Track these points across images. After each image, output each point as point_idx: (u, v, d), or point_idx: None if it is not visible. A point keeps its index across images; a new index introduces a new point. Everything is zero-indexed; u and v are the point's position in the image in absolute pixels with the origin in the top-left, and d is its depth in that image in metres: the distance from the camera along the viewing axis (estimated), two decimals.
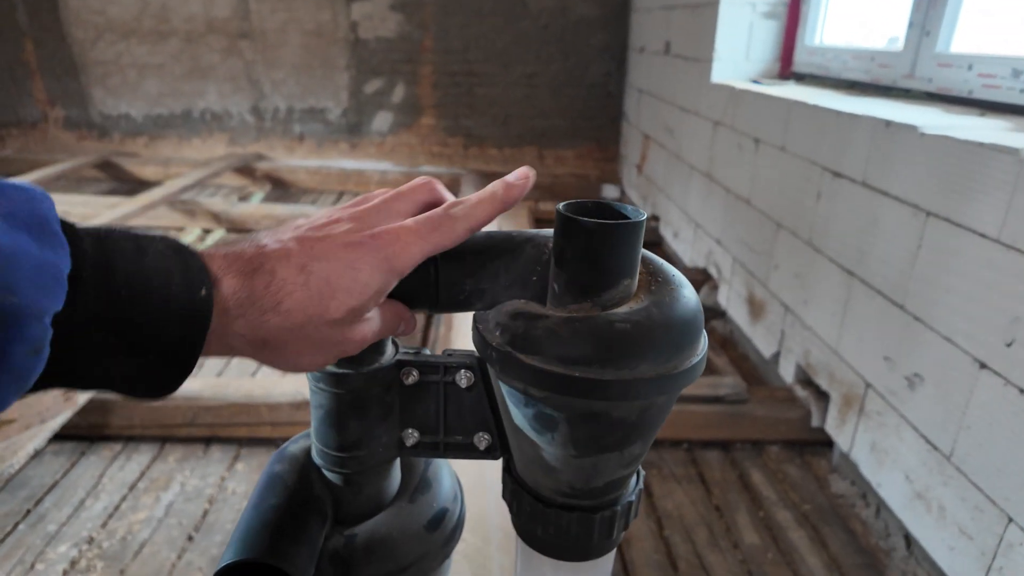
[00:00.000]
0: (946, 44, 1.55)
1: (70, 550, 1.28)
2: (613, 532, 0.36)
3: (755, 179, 1.94)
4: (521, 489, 0.37)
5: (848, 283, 1.47)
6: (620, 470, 0.35)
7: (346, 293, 0.30)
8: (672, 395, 0.33)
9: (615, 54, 3.78)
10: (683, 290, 0.33)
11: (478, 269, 0.34)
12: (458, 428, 0.39)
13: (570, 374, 0.30)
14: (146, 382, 0.27)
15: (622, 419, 0.32)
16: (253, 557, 0.32)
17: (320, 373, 0.36)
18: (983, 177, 1.09)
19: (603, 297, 0.31)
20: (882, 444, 1.36)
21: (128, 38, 3.86)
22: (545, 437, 0.33)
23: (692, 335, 0.32)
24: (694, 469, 1.56)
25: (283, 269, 0.29)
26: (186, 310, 0.27)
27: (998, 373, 1.05)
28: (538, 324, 0.31)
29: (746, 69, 2.27)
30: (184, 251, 0.28)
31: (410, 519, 0.40)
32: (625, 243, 0.31)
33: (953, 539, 1.15)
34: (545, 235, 0.35)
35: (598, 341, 0.30)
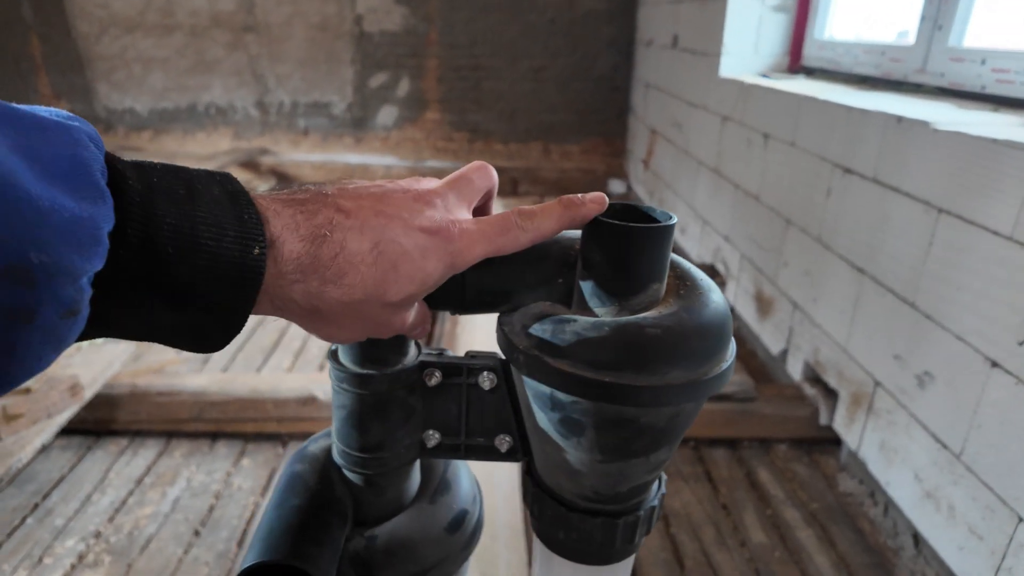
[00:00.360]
0: (959, 38, 1.53)
1: (77, 544, 1.28)
2: (635, 537, 0.36)
3: (764, 175, 1.92)
4: (543, 493, 0.36)
5: (858, 280, 1.46)
6: (645, 475, 0.34)
7: (408, 279, 0.29)
8: (701, 401, 0.32)
9: (622, 48, 3.75)
10: (712, 295, 0.32)
11: (504, 271, 0.33)
12: (480, 430, 0.38)
13: (600, 379, 0.29)
14: (192, 338, 0.26)
15: (651, 425, 0.31)
16: (276, 559, 0.32)
17: (344, 374, 0.36)
18: (997, 174, 1.07)
19: (632, 301, 0.31)
20: (891, 443, 1.35)
21: (133, 32, 3.85)
22: (571, 441, 0.32)
23: (722, 340, 0.32)
24: (701, 467, 1.56)
25: (354, 242, 0.28)
26: (236, 271, 0.25)
27: (1010, 372, 1.04)
28: (567, 327, 0.31)
29: (755, 63, 2.25)
30: (241, 200, 0.26)
31: (431, 521, 0.39)
32: (655, 247, 0.30)
33: (963, 539, 1.14)
34: (571, 237, 0.35)
35: (629, 346, 0.29)
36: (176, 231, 0.24)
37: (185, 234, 0.24)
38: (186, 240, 0.24)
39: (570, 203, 0.32)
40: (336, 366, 0.36)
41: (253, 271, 0.25)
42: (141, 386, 1.61)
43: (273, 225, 0.27)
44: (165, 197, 0.24)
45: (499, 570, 1.03)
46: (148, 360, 1.91)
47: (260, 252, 0.26)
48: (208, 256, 0.24)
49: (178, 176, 0.25)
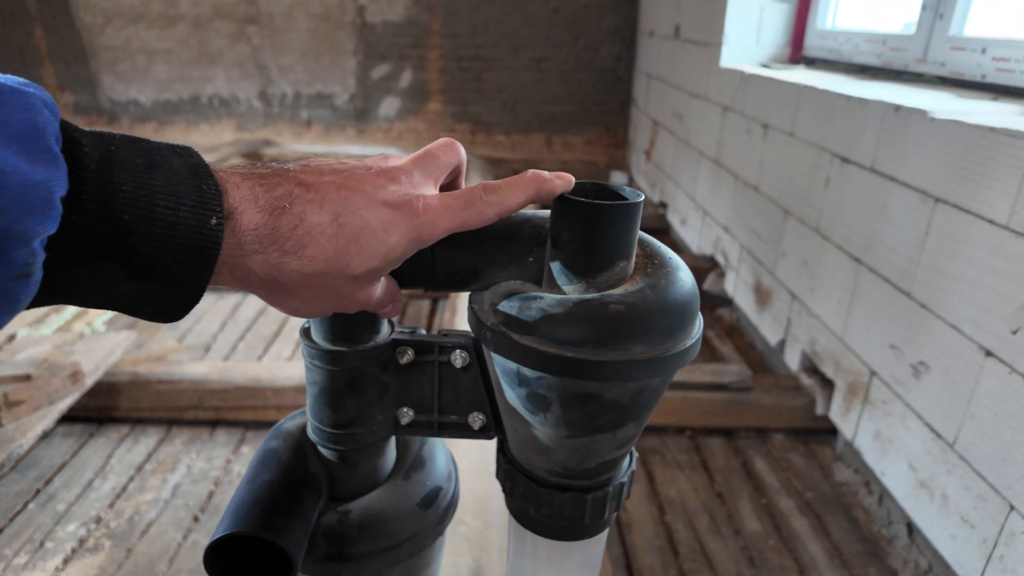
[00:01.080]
0: (960, 27, 1.52)
1: (78, 529, 1.30)
2: (605, 512, 0.36)
3: (763, 165, 1.92)
4: (515, 469, 0.37)
5: (855, 271, 1.46)
6: (613, 451, 0.35)
7: (371, 252, 0.30)
8: (666, 377, 0.32)
9: (625, 38, 3.74)
10: (679, 273, 0.33)
11: (474, 249, 0.34)
12: (453, 408, 0.39)
13: (563, 354, 0.30)
14: (151, 307, 0.27)
15: (615, 400, 0.31)
16: (246, 531, 0.32)
17: (315, 350, 0.36)
18: (993, 163, 1.07)
19: (599, 279, 0.31)
20: (886, 432, 1.35)
21: (136, 23, 3.86)
22: (538, 417, 0.33)
23: (687, 318, 0.32)
24: (697, 456, 1.56)
25: (314, 214, 0.28)
26: (193, 240, 0.25)
27: (1004, 361, 1.04)
28: (533, 304, 0.31)
29: (756, 53, 2.24)
30: (201, 171, 0.27)
31: (404, 497, 0.40)
32: (621, 224, 0.31)
33: (955, 527, 1.15)
34: (542, 216, 0.35)
35: (592, 322, 0.30)
36: (133, 199, 0.24)
37: (142, 202, 0.24)
38: (143, 208, 0.24)
39: (536, 177, 0.32)
40: (308, 343, 0.36)
41: (210, 241, 0.26)
42: (142, 374, 1.63)
43: (232, 196, 0.27)
44: (123, 166, 0.24)
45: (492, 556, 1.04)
46: (149, 348, 1.92)
47: (218, 222, 0.26)
48: (165, 225, 0.25)
49: (137, 146, 0.26)
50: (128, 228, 0.24)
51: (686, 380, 1.63)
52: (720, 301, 2.26)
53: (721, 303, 2.26)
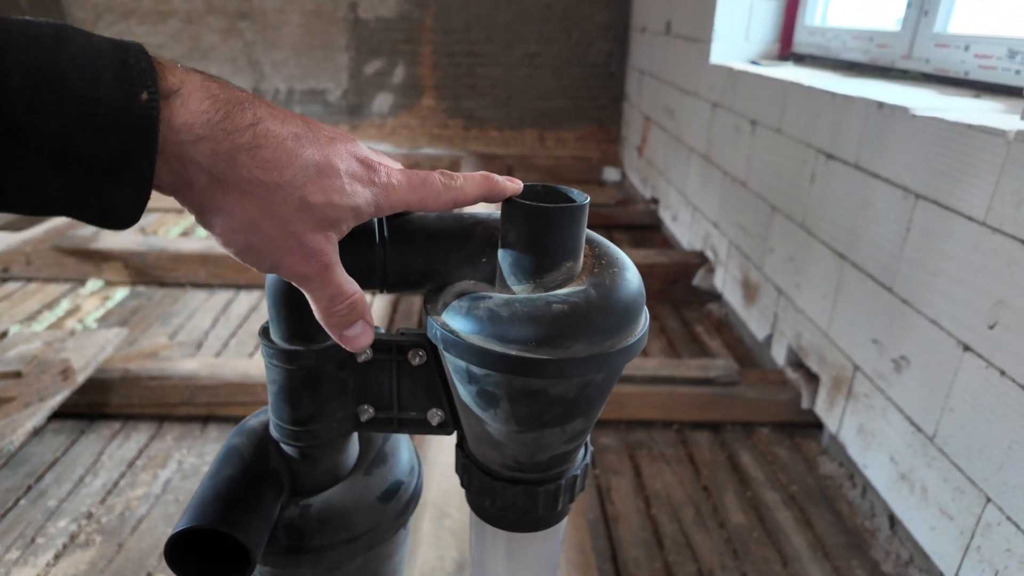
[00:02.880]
0: (944, 24, 1.53)
1: (69, 525, 1.31)
2: (558, 504, 0.37)
3: (751, 161, 1.93)
4: (471, 463, 0.38)
5: (840, 266, 1.47)
6: (563, 445, 0.36)
7: (330, 184, 0.28)
8: (611, 373, 0.33)
9: (617, 33, 3.74)
10: (625, 273, 0.34)
11: (428, 250, 0.35)
12: (412, 404, 0.40)
13: (507, 353, 0.31)
14: (95, 206, 0.23)
15: (561, 396, 0.33)
16: (204, 524, 0.33)
17: (273, 349, 0.37)
18: (971, 159, 1.08)
19: (546, 279, 0.32)
20: (869, 426, 1.37)
21: (128, 18, 3.85)
22: (488, 413, 0.34)
23: (630, 316, 0.33)
24: (684, 450, 1.58)
25: (275, 125, 0.26)
26: (120, 118, 0.22)
27: (981, 355, 1.06)
28: (480, 304, 0.32)
29: (746, 50, 2.24)
30: (129, 49, 0.23)
31: (364, 491, 0.41)
32: (566, 226, 0.32)
33: (934, 519, 1.17)
34: (495, 218, 0.36)
35: (535, 321, 0.31)
36: (36, 71, 0.21)
37: (49, 75, 0.21)
38: (51, 82, 0.21)
39: (488, 177, 0.33)
40: (266, 342, 0.37)
41: (142, 120, 0.22)
42: (133, 370, 1.63)
43: (175, 77, 0.24)
44: (25, 38, 0.21)
45: None
46: (141, 345, 1.93)
47: (150, 98, 0.22)
48: (80, 102, 0.21)
49: (49, 24, 0.22)
50: (31, 106, 0.21)
51: (673, 375, 1.65)
52: (709, 296, 2.27)
53: (710, 298, 2.27)
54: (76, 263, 2.34)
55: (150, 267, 2.34)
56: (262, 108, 0.26)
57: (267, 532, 0.36)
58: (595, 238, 0.36)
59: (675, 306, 2.29)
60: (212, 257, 2.33)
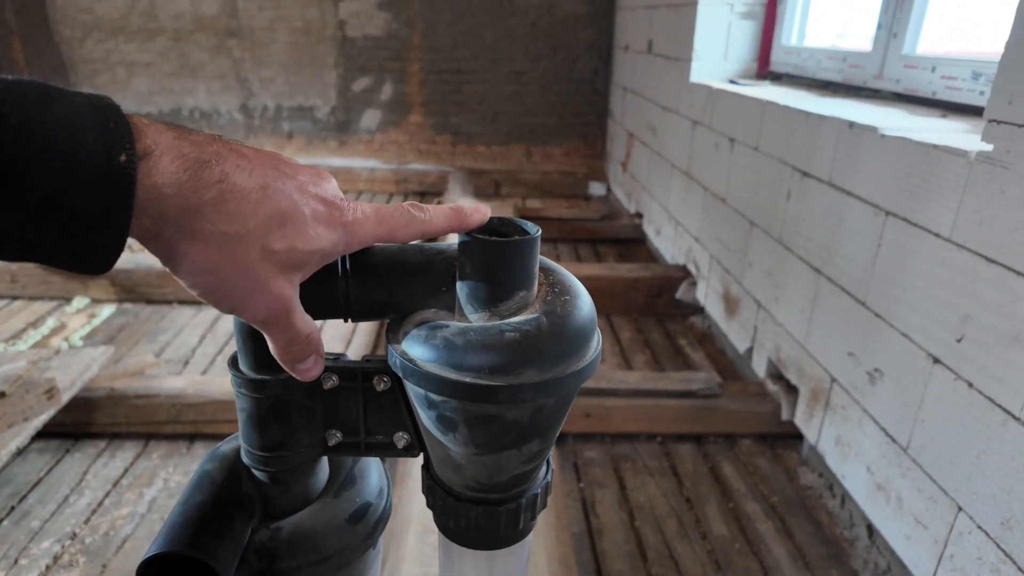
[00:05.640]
0: (912, 46, 1.58)
1: (53, 546, 1.31)
2: (519, 523, 0.39)
3: (731, 178, 1.97)
4: (436, 484, 0.39)
5: (816, 281, 1.51)
6: (521, 466, 0.37)
7: (295, 232, 0.29)
8: (563, 397, 0.35)
9: (601, 52, 3.80)
10: (577, 300, 0.36)
11: (389, 281, 0.36)
12: (378, 428, 0.41)
13: (462, 380, 0.32)
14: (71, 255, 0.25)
15: (516, 420, 0.34)
16: (175, 549, 0.34)
17: (241, 379, 0.38)
18: (936, 178, 1.12)
19: (500, 308, 0.34)
20: (846, 437, 1.39)
21: (116, 36, 3.86)
22: (448, 437, 0.36)
23: (579, 342, 0.35)
24: (667, 462, 1.60)
25: (241, 178, 0.27)
26: (102, 175, 0.24)
27: (950, 368, 1.09)
28: (437, 333, 0.34)
29: (725, 69, 2.30)
30: (108, 110, 0.25)
31: (333, 513, 0.42)
32: (519, 258, 0.34)
33: (909, 528, 1.19)
34: (455, 248, 0.38)
35: (488, 349, 0.32)
36: (24, 131, 0.23)
37: (36, 135, 0.23)
38: (38, 141, 0.23)
39: (460, 210, 0.35)
40: (234, 372, 0.38)
41: (121, 179, 0.24)
42: (119, 389, 1.64)
43: (149, 139, 0.26)
44: (13, 99, 0.23)
45: None
46: (127, 363, 1.93)
47: (128, 159, 0.24)
48: (65, 159, 0.23)
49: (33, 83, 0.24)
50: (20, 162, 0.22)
51: (656, 388, 1.67)
52: (692, 309, 2.30)
53: (693, 311, 2.31)
54: (62, 281, 2.34)
55: (137, 284, 2.35)
56: (230, 162, 0.28)
57: (237, 556, 0.37)
58: (550, 266, 0.38)
59: (659, 319, 2.32)
60: None
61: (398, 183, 3.84)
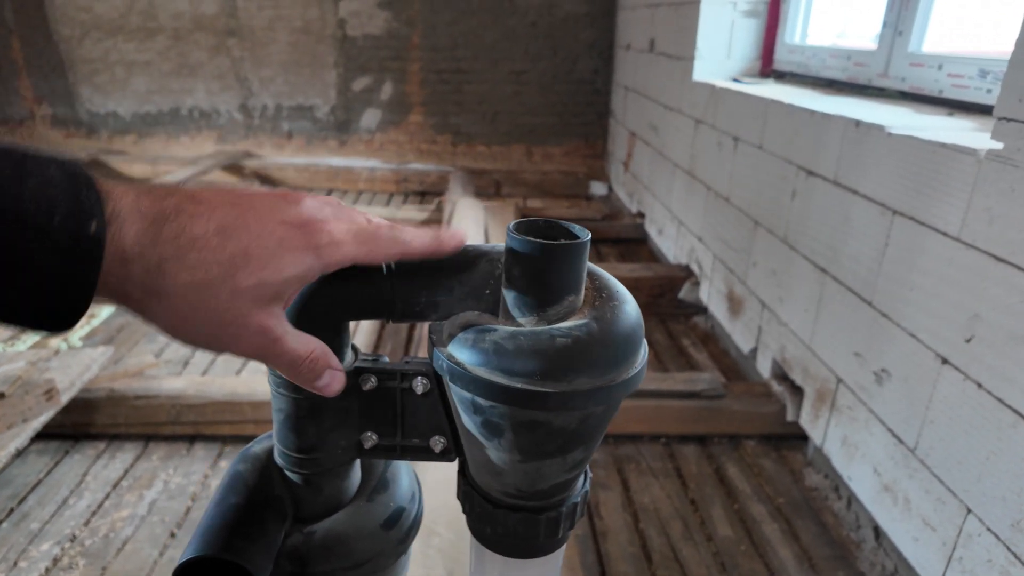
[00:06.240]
0: (918, 44, 1.57)
1: (52, 548, 1.30)
2: (558, 532, 0.38)
3: (734, 177, 1.96)
4: (473, 490, 0.39)
5: (821, 280, 1.50)
6: (563, 474, 0.37)
7: (260, 265, 0.29)
8: (611, 405, 0.35)
9: (602, 51, 3.79)
10: (625, 306, 0.35)
11: (433, 283, 0.36)
12: (415, 431, 0.40)
13: (512, 385, 0.32)
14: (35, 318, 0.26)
15: (563, 428, 0.34)
16: (210, 553, 0.34)
17: (279, 378, 0.37)
18: (945, 177, 1.11)
19: (549, 312, 0.33)
20: (852, 438, 1.38)
21: (115, 35, 3.85)
22: (492, 443, 0.35)
23: (630, 349, 0.34)
24: (671, 463, 1.59)
25: (199, 225, 0.28)
26: (70, 247, 0.25)
27: (958, 368, 1.08)
28: (486, 337, 0.33)
29: (728, 67, 2.29)
30: (79, 180, 0.26)
31: (367, 518, 0.41)
32: (569, 262, 0.33)
33: (917, 530, 1.18)
34: (499, 250, 0.37)
35: (539, 355, 0.32)
36: None
37: (8, 211, 0.24)
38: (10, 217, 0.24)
39: (438, 236, 0.35)
40: (272, 371, 0.37)
41: (90, 248, 0.25)
42: (119, 390, 1.62)
43: (115, 205, 0.27)
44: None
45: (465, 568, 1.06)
46: (126, 364, 1.92)
47: (98, 229, 0.25)
48: (36, 232, 0.24)
49: (8, 155, 0.25)
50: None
51: (660, 388, 1.66)
52: (695, 309, 2.29)
53: (696, 311, 2.30)
54: None
55: None
56: (186, 212, 0.28)
57: (271, 560, 0.36)
58: (595, 271, 0.37)
59: (661, 319, 2.31)
60: None
61: (398, 183, 3.83)
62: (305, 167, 3.87)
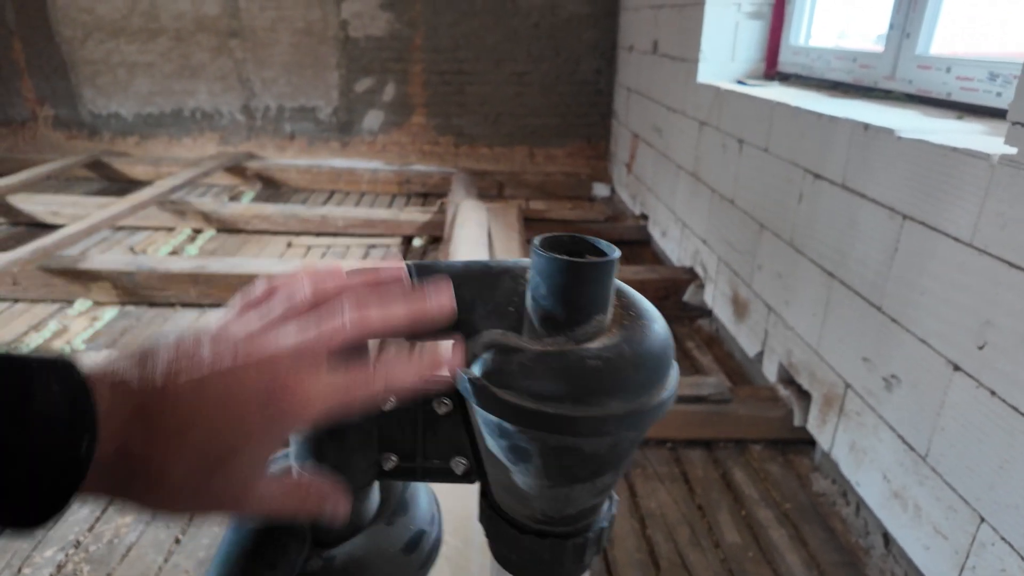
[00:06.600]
0: (926, 46, 1.56)
1: (57, 554, 1.29)
2: (584, 558, 0.37)
3: (739, 179, 1.95)
4: (496, 515, 0.37)
5: (828, 284, 1.49)
6: (592, 499, 0.36)
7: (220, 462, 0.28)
8: (642, 430, 0.33)
9: (605, 52, 3.78)
10: (654, 325, 0.33)
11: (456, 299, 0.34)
12: (435, 453, 0.39)
13: (542, 410, 0.30)
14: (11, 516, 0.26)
15: (594, 453, 0.32)
16: None
17: None
18: (957, 181, 1.10)
19: (576, 332, 0.32)
20: (861, 444, 1.37)
21: (117, 36, 3.84)
22: (519, 467, 0.34)
23: (661, 371, 0.33)
24: (677, 468, 1.58)
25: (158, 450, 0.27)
26: (62, 463, 0.25)
27: (971, 375, 1.07)
28: (512, 358, 0.32)
29: (732, 69, 2.28)
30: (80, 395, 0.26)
31: (387, 541, 0.40)
32: (598, 280, 0.32)
33: (928, 538, 1.17)
34: (522, 265, 0.36)
35: (570, 378, 0.30)
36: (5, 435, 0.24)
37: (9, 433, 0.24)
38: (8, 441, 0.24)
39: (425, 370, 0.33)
40: None
41: (78, 464, 0.26)
42: None
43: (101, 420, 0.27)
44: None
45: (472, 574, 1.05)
46: None
47: (88, 447, 0.26)
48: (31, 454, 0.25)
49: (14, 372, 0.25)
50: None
51: None
52: (700, 312, 2.28)
53: (701, 314, 2.29)
54: (64, 283, 2.32)
55: (139, 287, 2.33)
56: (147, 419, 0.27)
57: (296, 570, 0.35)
58: (621, 287, 0.35)
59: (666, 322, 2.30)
60: (202, 276, 2.31)
61: (401, 184, 3.83)
62: (307, 169, 3.86)
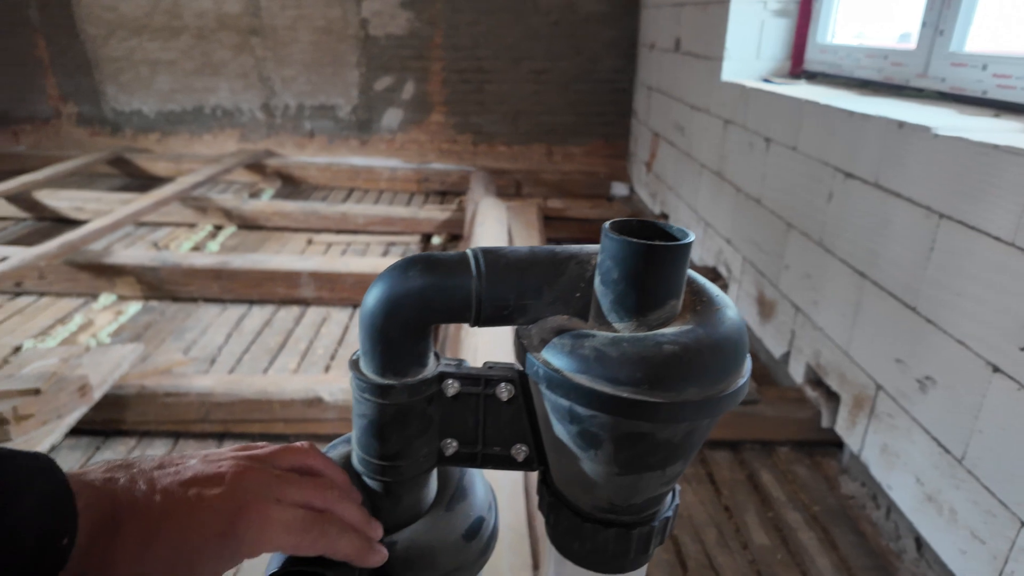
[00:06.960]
0: (960, 43, 1.53)
1: None
2: (649, 547, 0.37)
3: (766, 178, 1.93)
4: (559, 503, 0.37)
5: (859, 284, 1.47)
6: (660, 487, 0.35)
7: None
8: (716, 417, 0.33)
9: (625, 50, 3.76)
10: (727, 311, 0.33)
11: (521, 286, 0.34)
12: (496, 439, 0.39)
13: (618, 395, 0.30)
14: None
15: (667, 440, 0.32)
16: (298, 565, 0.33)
17: (365, 384, 0.36)
18: (997, 180, 1.08)
19: (649, 317, 0.32)
20: (893, 446, 1.35)
21: (140, 34, 3.88)
22: (588, 454, 0.33)
23: (738, 357, 0.32)
24: (703, 469, 1.57)
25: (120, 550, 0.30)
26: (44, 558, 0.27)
27: (1012, 377, 1.05)
28: (585, 343, 0.31)
29: (757, 67, 2.26)
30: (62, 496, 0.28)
31: (448, 528, 0.40)
32: (673, 264, 0.31)
33: (964, 542, 1.15)
34: (589, 252, 0.35)
35: (647, 363, 0.30)
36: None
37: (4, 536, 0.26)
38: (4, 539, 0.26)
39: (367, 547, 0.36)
40: (357, 375, 0.36)
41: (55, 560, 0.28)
42: (149, 387, 1.63)
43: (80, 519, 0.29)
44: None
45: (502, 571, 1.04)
46: (156, 361, 1.93)
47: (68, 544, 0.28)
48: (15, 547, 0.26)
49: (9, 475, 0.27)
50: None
51: None
52: None
53: None
54: (89, 278, 2.34)
55: (163, 282, 2.35)
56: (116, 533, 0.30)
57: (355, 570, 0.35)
58: (691, 274, 0.35)
59: None
60: (225, 272, 2.33)
61: (419, 182, 3.83)
62: (327, 166, 3.88)
